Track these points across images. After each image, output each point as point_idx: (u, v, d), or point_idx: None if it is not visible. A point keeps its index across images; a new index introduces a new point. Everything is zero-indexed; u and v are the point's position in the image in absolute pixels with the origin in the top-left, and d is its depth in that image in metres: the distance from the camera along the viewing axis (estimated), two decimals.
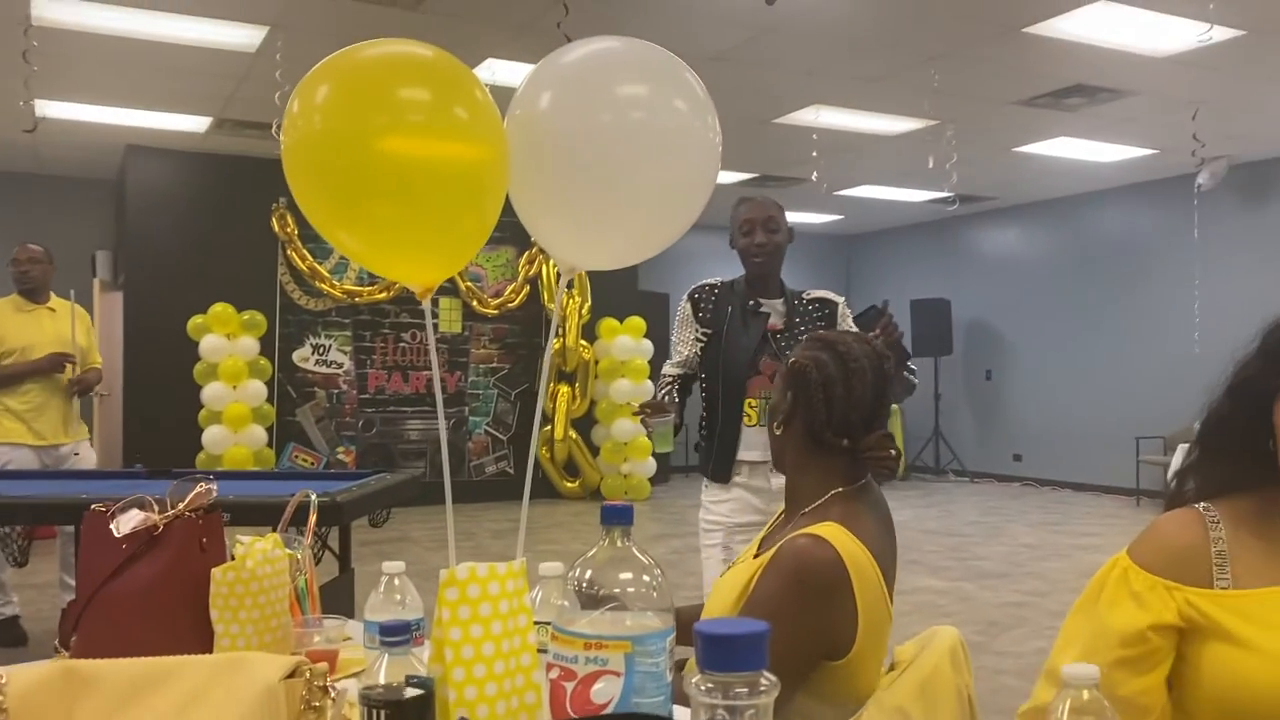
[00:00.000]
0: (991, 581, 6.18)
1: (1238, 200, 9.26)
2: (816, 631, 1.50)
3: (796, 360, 1.67)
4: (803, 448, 1.67)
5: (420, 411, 9.51)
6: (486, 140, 1.17)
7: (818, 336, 1.73)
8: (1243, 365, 1.23)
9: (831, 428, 1.64)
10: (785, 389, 1.69)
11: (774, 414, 1.72)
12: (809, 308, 2.95)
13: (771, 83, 6.90)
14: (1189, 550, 1.20)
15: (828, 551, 1.51)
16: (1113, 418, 10.13)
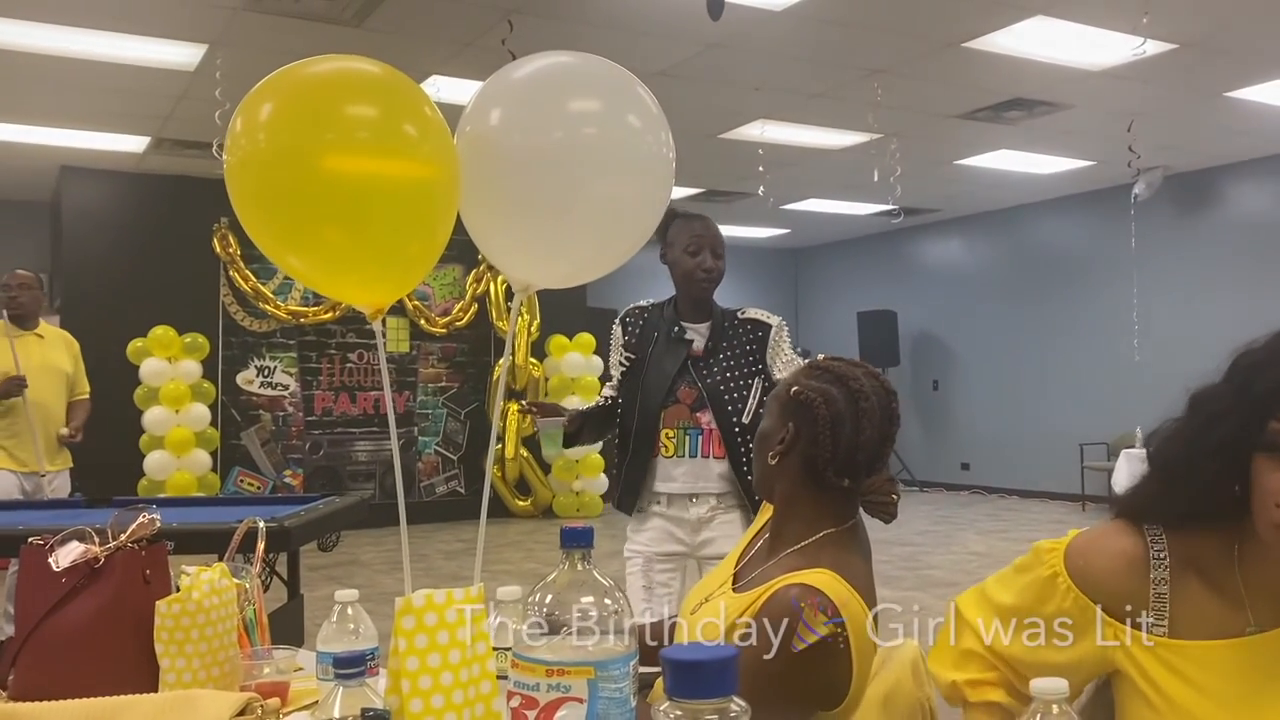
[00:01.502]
0: (943, 590, 6.23)
1: (1173, 210, 9.48)
2: (810, 690, 1.43)
3: (802, 391, 1.53)
4: (798, 482, 1.56)
5: (369, 432, 9.38)
6: (437, 158, 1.14)
7: (828, 368, 1.58)
8: (1210, 399, 1.13)
9: (834, 468, 1.52)
10: (784, 418, 1.56)
11: (768, 442, 1.59)
12: (740, 329, 2.80)
13: (718, 98, 6.94)
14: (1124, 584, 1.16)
15: (808, 592, 1.41)
16: (1057, 425, 10.30)
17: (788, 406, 1.55)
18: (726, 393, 2.67)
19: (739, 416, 2.66)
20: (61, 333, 5.17)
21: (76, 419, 5.03)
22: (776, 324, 2.81)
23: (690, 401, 2.70)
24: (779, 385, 1.61)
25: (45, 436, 4.85)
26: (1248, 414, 1.06)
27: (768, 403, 1.64)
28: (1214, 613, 1.11)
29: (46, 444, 4.85)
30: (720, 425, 2.66)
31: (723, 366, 2.69)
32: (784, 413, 1.55)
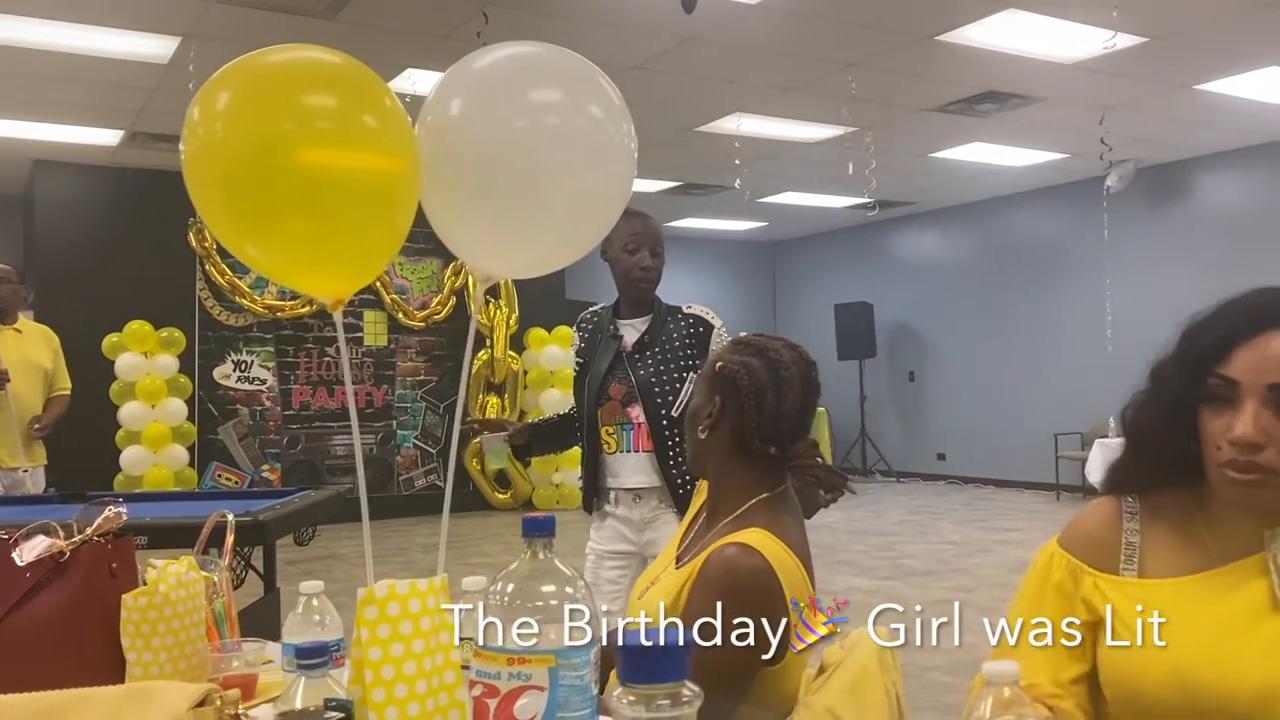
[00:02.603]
0: (919, 579, 6.28)
1: (1145, 202, 9.56)
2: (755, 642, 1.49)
3: (725, 365, 1.63)
4: (728, 453, 1.64)
5: (347, 427, 9.35)
6: (397, 148, 1.14)
7: (747, 341, 1.69)
8: (1162, 365, 1.26)
9: (761, 435, 1.61)
10: (711, 393, 1.64)
11: (697, 418, 1.67)
12: (681, 324, 2.76)
13: (693, 91, 6.95)
14: (1102, 537, 1.27)
15: (756, 559, 1.50)
16: (1031, 415, 10.38)
17: (713, 382, 1.63)
18: (656, 385, 2.64)
19: (667, 410, 2.63)
20: (41, 328, 5.12)
21: (49, 414, 4.98)
22: (718, 325, 2.77)
23: (620, 397, 2.69)
24: (706, 363, 1.70)
25: (24, 433, 4.81)
26: (1191, 372, 1.19)
27: (696, 382, 1.71)
28: (1181, 556, 1.21)
29: (25, 440, 4.81)
30: (648, 418, 2.63)
31: (656, 360, 2.68)
32: (710, 388, 1.63)
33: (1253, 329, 1.17)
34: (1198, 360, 1.19)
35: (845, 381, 12.35)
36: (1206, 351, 1.18)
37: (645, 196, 10.08)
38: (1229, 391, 1.16)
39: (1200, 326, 1.22)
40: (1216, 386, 1.17)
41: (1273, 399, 1.13)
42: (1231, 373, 1.16)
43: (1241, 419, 1.13)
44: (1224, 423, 1.15)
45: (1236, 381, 1.15)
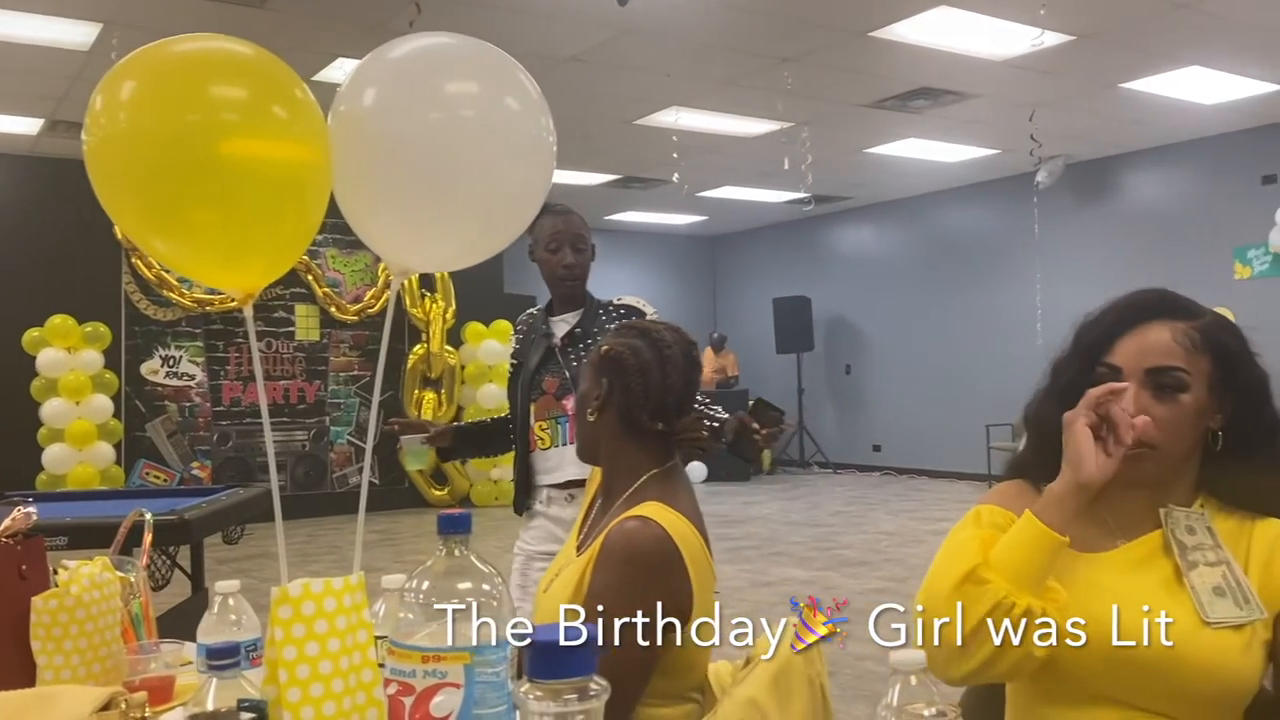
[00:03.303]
0: (854, 569, 6.36)
1: (1074, 198, 9.78)
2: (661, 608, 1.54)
3: (610, 348, 1.69)
4: (618, 434, 1.70)
5: (280, 423, 9.21)
6: (307, 139, 1.12)
7: (630, 325, 1.76)
8: (1058, 360, 1.39)
9: (648, 412, 1.68)
10: (598, 376, 1.70)
11: (585, 402, 1.72)
12: (614, 315, 2.74)
13: (630, 84, 6.95)
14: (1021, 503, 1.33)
15: (655, 529, 1.56)
16: (964, 407, 10.56)
17: (600, 366, 1.70)
18: None
19: None
20: None
21: None
22: (651, 313, 2.75)
23: (554, 390, 2.68)
24: (593, 353, 1.74)
25: None
26: (1081, 363, 1.34)
27: (583, 369, 1.75)
28: (1087, 534, 1.30)
29: None
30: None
31: (589, 351, 2.69)
32: (597, 372, 1.70)
33: (1132, 321, 1.31)
34: (1087, 351, 1.34)
35: (783, 374, 12.46)
36: (1094, 343, 1.33)
37: (585, 189, 10.06)
38: (1114, 377, 1.29)
39: (1089, 323, 1.36)
40: (1103, 374, 1.30)
41: (1150, 381, 1.27)
42: (1115, 360, 1.30)
43: (1125, 400, 1.24)
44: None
45: (1119, 368, 1.29)
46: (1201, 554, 1.27)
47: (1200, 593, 1.23)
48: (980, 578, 1.20)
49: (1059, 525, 1.20)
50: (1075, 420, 1.22)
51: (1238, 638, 1.21)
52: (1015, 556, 1.21)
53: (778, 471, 12.22)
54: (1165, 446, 1.27)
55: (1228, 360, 1.30)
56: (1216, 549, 1.27)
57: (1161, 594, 1.25)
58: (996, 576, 1.20)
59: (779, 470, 12.28)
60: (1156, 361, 1.28)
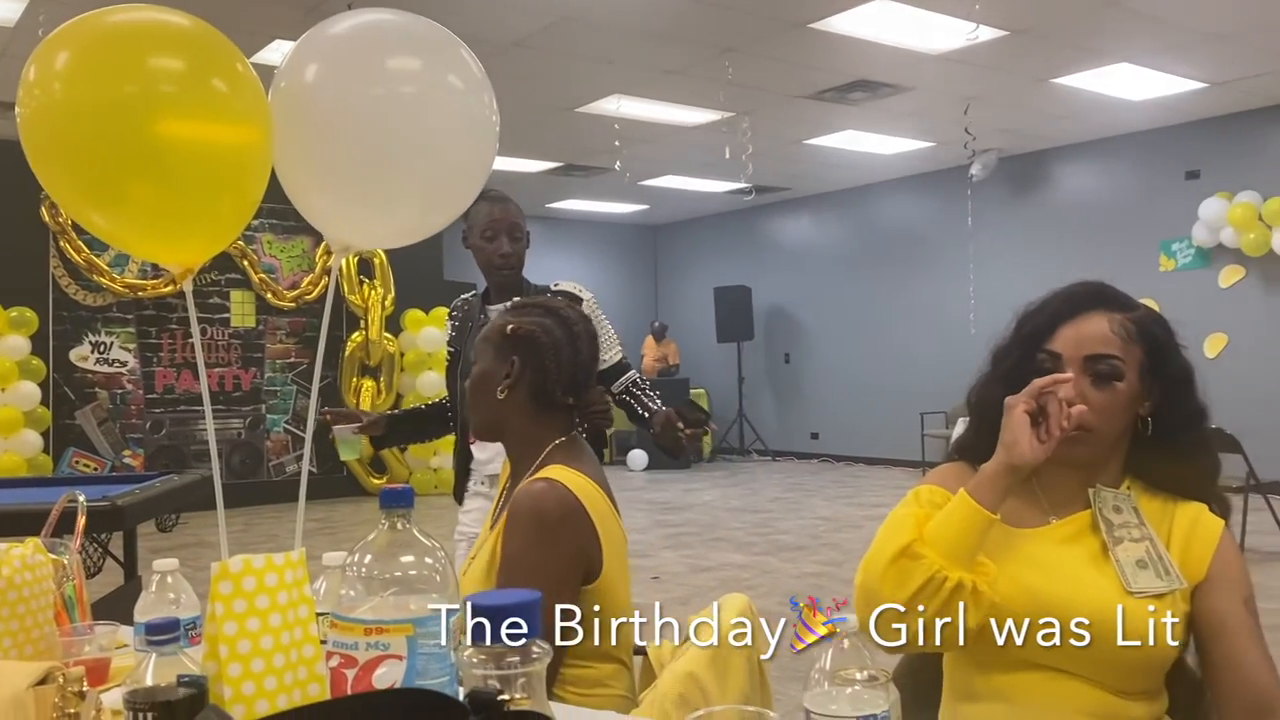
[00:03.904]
0: (791, 554, 6.45)
1: (1007, 190, 9.98)
2: (569, 562, 1.62)
3: (519, 327, 1.72)
4: (526, 411, 1.74)
5: (215, 410, 9.05)
6: (248, 115, 1.12)
7: (531, 303, 1.80)
8: (999, 347, 1.45)
9: (562, 388, 1.73)
10: (505, 356, 1.72)
11: (491, 381, 1.73)
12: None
13: (572, 71, 6.93)
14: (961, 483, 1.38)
15: (556, 488, 1.62)
16: (899, 395, 10.73)
17: (507, 344, 1.72)
18: None
19: None
20: None
21: None
22: (588, 299, 2.78)
23: None
24: (488, 329, 1.77)
25: None
26: (1023, 350, 1.40)
27: (477, 347, 1.77)
28: (1022, 511, 1.38)
29: None
30: None
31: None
32: (503, 351, 1.72)
33: (1072, 311, 1.38)
34: (1028, 338, 1.40)
35: (724, 363, 12.55)
36: (1035, 331, 1.39)
37: (526, 176, 10.02)
38: (1054, 364, 1.35)
39: (1030, 311, 1.43)
40: (1044, 360, 1.37)
41: (1089, 368, 1.34)
42: (1055, 347, 1.36)
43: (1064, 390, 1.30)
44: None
45: (1059, 354, 1.36)
46: (1127, 531, 1.34)
47: (1124, 565, 1.30)
48: (915, 552, 1.25)
49: (990, 503, 1.26)
50: (1015, 405, 1.27)
51: (1160, 606, 1.28)
52: (949, 532, 1.26)
53: (718, 459, 12.32)
54: (1099, 431, 1.33)
55: (1159, 351, 1.38)
56: (1141, 526, 1.34)
57: (1089, 566, 1.32)
58: (930, 551, 1.25)
59: (719, 458, 12.38)
60: (1094, 350, 1.34)
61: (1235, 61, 7.04)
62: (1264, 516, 6.00)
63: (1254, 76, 7.40)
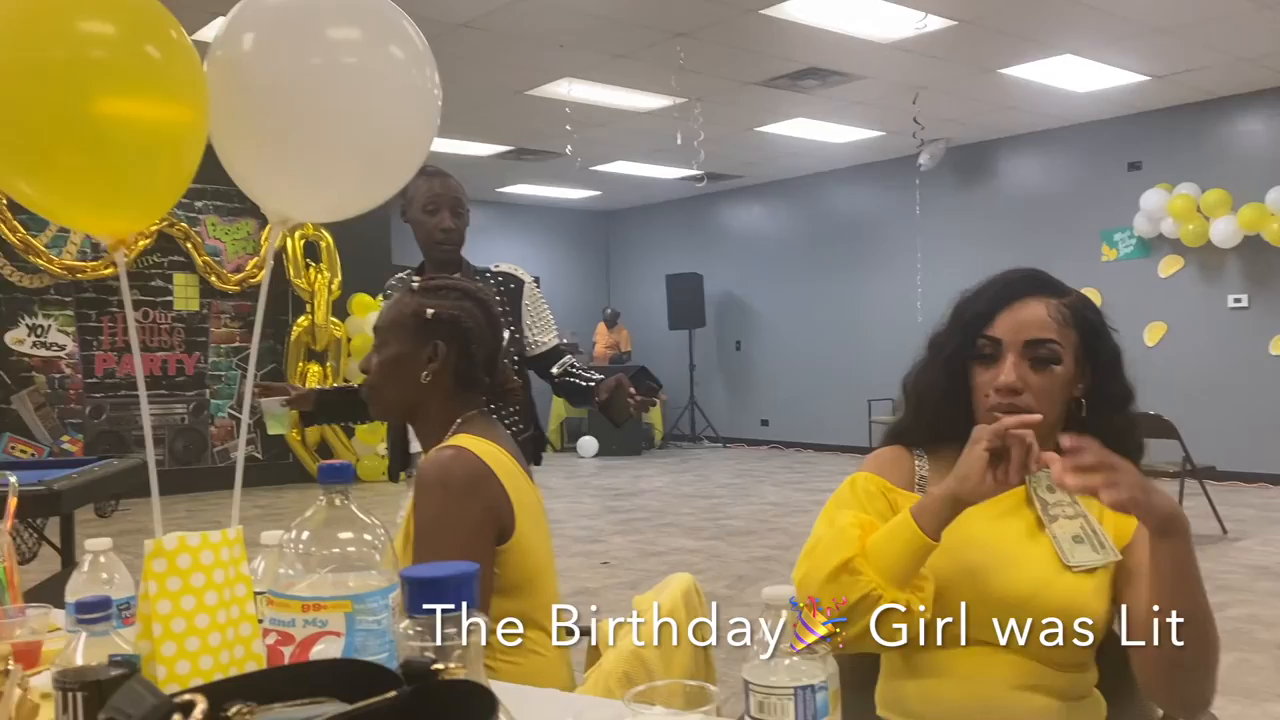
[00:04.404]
0: (740, 539, 6.49)
1: (954, 180, 10.09)
2: (480, 521, 1.64)
3: (440, 310, 1.73)
4: (447, 392, 1.76)
5: (157, 395, 8.89)
6: (183, 82, 1.09)
7: (447, 286, 1.80)
8: (937, 334, 1.48)
9: (483, 368, 1.78)
10: (425, 339, 1.73)
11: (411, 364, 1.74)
12: (491, 282, 2.74)
13: (523, 53, 6.88)
14: (898, 466, 1.46)
15: (462, 453, 1.65)
16: (848, 382, 10.84)
17: (426, 328, 1.73)
18: None
19: None
20: None
21: None
22: (529, 280, 2.79)
23: None
24: (398, 312, 1.76)
25: None
26: (962, 336, 1.42)
27: (388, 331, 1.76)
28: None
29: None
30: None
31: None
32: (422, 335, 1.73)
33: (1011, 296, 1.40)
34: (968, 325, 1.42)
35: (675, 350, 12.58)
36: (975, 317, 1.41)
37: (476, 160, 9.94)
38: (994, 349, 1.38)
39: (969, 298, 1.45)
40: (984, 345, 1.39)
41: (1028, 353, 1.37)
42: (995, 333, 1.39)
43: (1005, 370, 1.36)
44: (991, 375, 1.38)
45: (999, 340, 1.38)
46: (1061, 509, 1.38)
47: (1061, 541, 1.34)
48: (854, 568, 1.28)
49: (933, 531, 1.27)
50: (979, 440, 1.26)
51: (1092, 581, 1.32)
52: (889, 555, 1.28)
53: (669, 446, 12.36)
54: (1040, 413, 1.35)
55: (1092, 334, 1.42)
56: (1074, 504, 1.38)
57: (1024, 541, 1.36)
58: (869, 569, 1.27)
59: (670, 445, 12.42)
60: (1033, 334, 1.37)
61: (1176, 55, 7.18)
62: (1199, 501, 6.16)
63: (1194, 70, 7.55)
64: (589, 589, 5.20)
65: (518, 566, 1.66)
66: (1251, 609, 4.55)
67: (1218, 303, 8.52)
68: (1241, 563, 5.47)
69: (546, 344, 2.79)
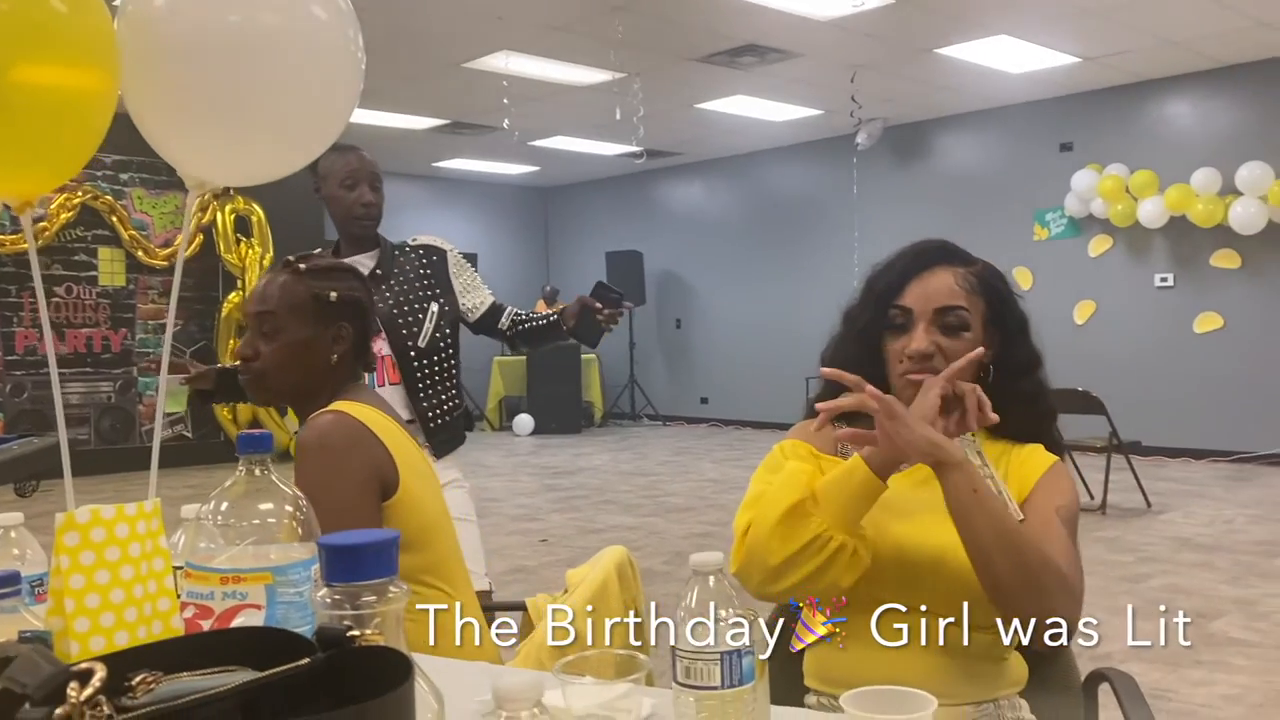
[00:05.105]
0: (679, 515, 6.53)
1: (891, 159, 10.19)
2: (364, 477, 1.68)
3: (341, 293, 1.78)
4: (348, 370, 1.82)
5: (81, 373, 8.65)
6: (91, 38, 1.04)
7: (331, 267, 1.85)
8: (850, 308, 1.54)
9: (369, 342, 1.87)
10: (330, 321, 1.77)
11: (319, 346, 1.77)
12: (412, 255, 2.74)
13: (460, 24, 6.78)
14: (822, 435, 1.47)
15: (339, 416, 1.70)
16: (786, 360, 10.91)
17: (330, 310, 1.77)
18: (400, 316, 2.63)
19: (414, 341, 2.63)
20: None
21: None
22: (450, 249, 2.78)
23: None
24: (292, 296, 1.77)
25: None
26: (875, 308, 1.47)
27: (286, 316, 1.77)
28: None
29: None
30: (395, 350, 2.62)
31: (395, 292, 2.66)
32: (326, 317, 1.77)
33: (920, 266, 1.46)
34: (879, 297, 1.47)
35: (615, 329, 12.53)
36: (886, 289, 1.47)
37: (412, 133, 9.79)
38: (905, 318, 1.44)
39: (879, 271, 1.51)
40: (895, 315, 1.45)
41: (938, 319, 1.42)
42: (906, 302, 1.44)
43: (916, 336, 1.41)
44: (903, 343, 1.43)
45: (910, 309, 1.44)
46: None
47: None
48: (805, 510, 1.30)
49: (884, 474, 1.30)
50: (933, 388, 1.32)
51: None
52: (841, 497, 1.30)
53: (608, 424, 12.36)
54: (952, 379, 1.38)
55: (999, 301, 1.47)
56: (984, 467, 1.41)
57: (940, 506, 1.36)
58: (820, 512, 1.29)
59: (610, 423, 12.42)
60: (943, 302, 1.42)
61: (1107, 37, 7.31)
62: (1125, 475, 6.32)
63: (1124, 52, 7.70)
64: (526, 566, 5.19)
65: (407, 521, 1.69)
66: (1172, 579, 4.69)
67: (1144, 282, 8.74)
68: (1164, 535, 5.63)
69: (484, 304, 2.80)
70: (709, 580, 0.94)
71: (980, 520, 1.24)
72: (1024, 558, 1.24)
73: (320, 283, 1.78)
